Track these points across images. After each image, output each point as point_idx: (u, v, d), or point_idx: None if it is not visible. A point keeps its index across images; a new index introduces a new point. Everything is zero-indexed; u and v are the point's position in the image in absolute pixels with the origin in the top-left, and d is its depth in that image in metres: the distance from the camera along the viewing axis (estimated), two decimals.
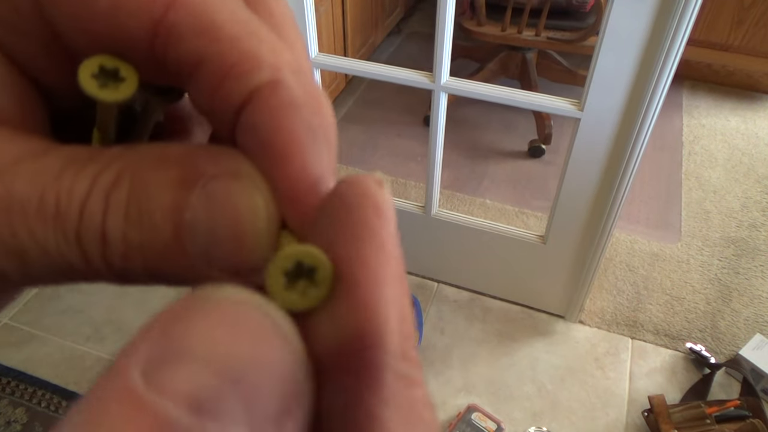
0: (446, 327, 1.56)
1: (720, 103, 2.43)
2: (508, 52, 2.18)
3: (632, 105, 1.10)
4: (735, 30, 2.34)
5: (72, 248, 0.11)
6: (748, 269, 1.72)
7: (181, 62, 0.12)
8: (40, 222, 0.11)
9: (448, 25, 1.11)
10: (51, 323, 1.55)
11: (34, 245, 0.11)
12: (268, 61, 0.12)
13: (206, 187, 0.11)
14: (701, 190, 2.01)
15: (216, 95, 0.12)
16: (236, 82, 0.11)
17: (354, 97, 2.44)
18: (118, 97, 0.12)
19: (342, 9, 2.10)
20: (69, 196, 0.11)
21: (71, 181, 0.11)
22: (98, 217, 0.11)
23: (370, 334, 0.10)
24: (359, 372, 0.10)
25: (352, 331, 0.10)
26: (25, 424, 1.35)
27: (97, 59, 0.12)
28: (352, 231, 0.11)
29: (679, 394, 1.41)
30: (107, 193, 0.11)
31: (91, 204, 0.11)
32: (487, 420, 1.33)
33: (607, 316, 1.59)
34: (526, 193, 1.99)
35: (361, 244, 0.11)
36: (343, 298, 0.10)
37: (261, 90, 0.11)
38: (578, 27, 1.97)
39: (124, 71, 0.12)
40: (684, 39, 0.97)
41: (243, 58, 0.11)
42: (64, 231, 0.11)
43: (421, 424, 0.10)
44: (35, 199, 0.11)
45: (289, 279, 0.11)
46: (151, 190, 0.11)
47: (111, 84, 0.12)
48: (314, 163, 0.12)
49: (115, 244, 0.11)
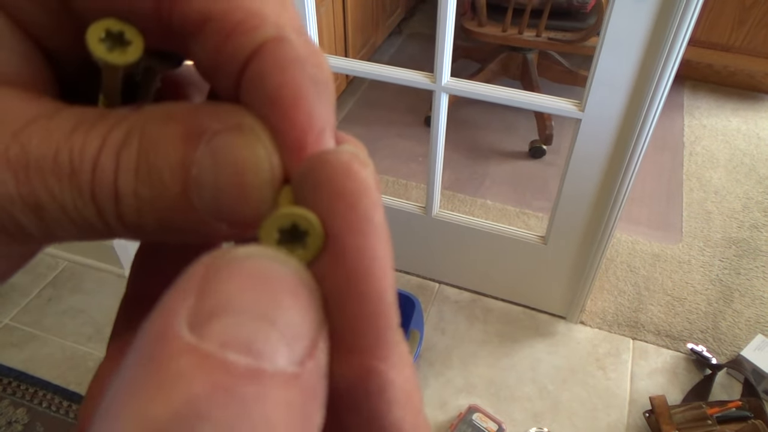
0: (447, 327, 1.56)
1: (721, 104, 2.43)
2: (509, 53, 2.18)
3: (633, 105, 1.09)
4: (736, 30, 2.34)
5: (87, 205, 0.12)
6: (750, 270, 1.72)
7: (187, 21, 0.12)
8: (55, 179, 0.12)
9: (449, 25, 1.11)
10: (52, 324, 1.55)
11: (51, 202, 0.12)
12: (272, 19, 0.12)
13: (210, 142, 0.12)
14: (702, 191, 2.00)
15: (222, 51, 0.12)
16: (242, 38, 0.12)
17: (355, 97, 2.44)
18: (127, 60, 0.12)
19: (343, 9, 2.11)
20: (81, 154, 0.12)
21: (83, 140, 0.12)
22: (110, 175, 0.12)
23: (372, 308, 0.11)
24: (371, 346, 0.11)
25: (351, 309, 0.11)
26: (27, 425, 1.35)
27: (103, 23, 0.12)
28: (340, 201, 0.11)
29: (680, 395, 1.41)
30: (117, 151, 0.12)
31: (103, 162, 0.12)
32: (488, 420, 1.33)
33: (608, 316, 1.58)
34: (527, 193, 1.99)
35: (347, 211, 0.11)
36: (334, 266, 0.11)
37: (267, 45, 0.12)
38: (579, 27, 1.97)
39: (130, 34, 0.12)
40: (685, 39, 0.97)
41: (248, 16, 0.12)
42: (79, 188, 0.12)
43: (410, 369, 0.12)
44: (50, 157, 0.12)
45: (282, 236, 0.11)
46: (158, 148, 0.12)
47: (118, 48, 0.12)
48: (319, 114, 0.12)
49: (128, 200, 0.12)
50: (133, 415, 0.08)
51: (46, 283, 1.66)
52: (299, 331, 0.10)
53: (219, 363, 0.09)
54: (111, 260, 1.68)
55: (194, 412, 0.08)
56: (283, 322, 0.10)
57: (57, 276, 1.68)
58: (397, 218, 1.53)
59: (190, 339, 0.09)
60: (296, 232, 0.11)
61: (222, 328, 0.09)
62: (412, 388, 0.12)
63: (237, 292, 0.10)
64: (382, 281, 0.11)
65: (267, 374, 0.09)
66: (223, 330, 0.09)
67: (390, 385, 0.11)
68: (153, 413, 0.08)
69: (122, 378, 0.09)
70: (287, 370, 0.09)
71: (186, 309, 0.09)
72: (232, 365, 0.09)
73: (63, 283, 1.66)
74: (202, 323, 0.09)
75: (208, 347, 0.09)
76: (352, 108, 2.39)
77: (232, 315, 0.09)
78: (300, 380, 0.10)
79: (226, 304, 0.09)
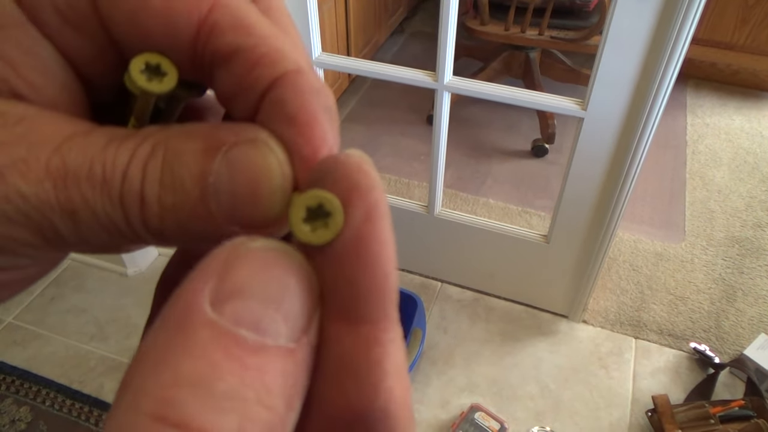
0: (449, 326, 1.56)
1: (724, 102, 2.42)
2: (512, 52, 2.17)
3: (636, 104, 1.09)
4: (739, 29, 2.33)
5: (116, 210, 0.13)
6: (753, 269, 1.71)
7: (217, 53, 0.14)
8: (89, 187, 0.13)
9: (452, 24, 1.11)
10: (55, 322, 1.56)
11: (85, 207, 0.13)
12: (291, 55, 0.14)
13: (227, 153, 0.13)
14: (705, 190, 2.00)
15: (246, 78, 0.14)
16: (267, 69, 0.14)
17: (357, 96, 2.44)
18: (163, 89, 0.14)
19: (345, 8, 2.11)
20: (113, 166, 0.13)
21: (114, 153, 0.13)
22: (137, 184, 0.13)
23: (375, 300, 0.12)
24: (378, 318, 0.12)
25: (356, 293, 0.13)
26: (30, 423, 1.36)
27: (144, 56, 0.14)
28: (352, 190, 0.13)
29: (682, 394, 1.41)
30: (144, 162, 0.13)
31: (131, 172, 0.13)
32: (490, 419, 1.33)
33: (610, 315, 1.58)
34: (530, 192, 1.99)
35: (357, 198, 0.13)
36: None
37: (288, 75, 0.14)
38: (582, 26, 1.97)
39: (166, 66, 0.14)
40: (688, 38, 0.96)
41: (272, 51, 0.14)
42: (110, 195, 0.13)
43: (403, 351, 0.13)
44: (86, 167, 0.13)
45: (308, 215, 0.13)
46: (181, 159, 0.13)
47: (155, 78, 0.14)
48: (329, 135, 0.14)
49: (152, 206, 0.13)
50: (167, 371, 0.10)
51: (49, 281, 1.67)
52: (298, 313, 0.12)
53: (233, 337, 0.11)
54: (114, 259, 1.68)
55: (214, 374, 0.10)
56: (286, 305, 0.12)
57: (60, 275, 1.68)
58: (399, 217, 1.53)
59: (211, 315, 0.11)
60: (320, 212, 0.13)
61: (237, 308, 0.11)
62: (403, 365, 0.13)
63: (251, 278, 0.12)
64: (389, 263, 0.12)
65: (269, 348, 0.11)
66: (238, 310, 0.11)
67: (388, 355, 0.12)
68: (183, 370, 0.10)
69: (154, 340, 0.11)
70: (286, 345, 0.11)
71: (209, 289, 0.11)
72: (243, 340, 0.11)
73: (66, 282, 1.67)
74: (222, 302, 0.11)
75: (225, 323, 0.11)
76: (355, 107, 2.39)
77: (246, 297, 0.11)
78: (295, 354, 0.12)
79: (242, 288, 0.11)
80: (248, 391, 0.10)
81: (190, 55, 0.14)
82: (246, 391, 0.10)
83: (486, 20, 2.02)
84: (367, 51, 2.42)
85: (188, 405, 0.10)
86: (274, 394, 0.11)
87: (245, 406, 0.10)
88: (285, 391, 0.11)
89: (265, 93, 0.14)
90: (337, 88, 2.27)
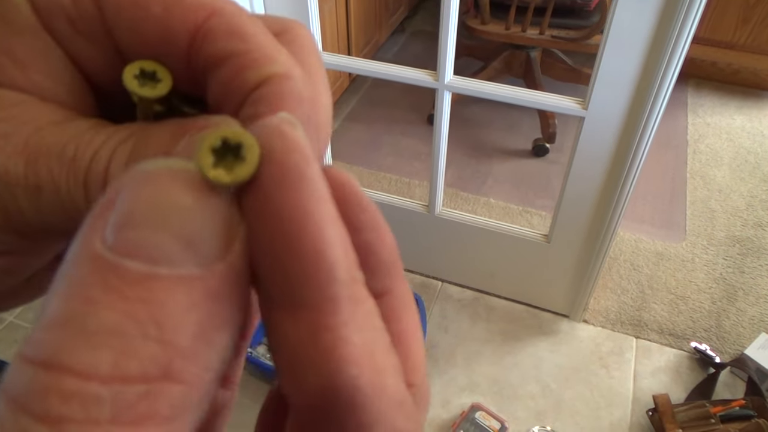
0: (450, 326, 1.56)
1: (725, 102, 2.42)
2: (512, 51, 2.17)
3: (637, 103, 1.09)
4: (740, 28, 2.33)
5: (79, 188, 0.13)
6: (754, 268, 1.71)
7: (210, 58, 0.14)
8: (58, 164, 0.13)
9: (452, 23, 1.11)
10: None
11: (50, 183, 0.13)
12: (283, 61, 0.14)
13: (191, 137, 0.13)
14: (706, 189, 2.00)
15: (235, 80, 0.14)
16: (254, 71, 0.13)
17: (358, 96, 2.44)
18: (156, 94, 0.14)
19: (346, 8, 2.10)
20: (86, 147, 0.14)
21: (91, 137, 0.14)
22: (104, 164, 0.13)
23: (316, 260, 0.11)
24: (317, 301, 0.11)
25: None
26: None
27: (139, 63, 0.14)
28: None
29: (683, 394, 1.41)
30: (116, 146, 0.14)
31: (101, 153, 0.14)
32: (491, 419, 1.33)
33: (611, 315, 1.58)
34: (530, 192, 1.99)
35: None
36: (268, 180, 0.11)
37: (274, 78, 0.13)
38: (582, 25, 1.97)
39: (161, 73, 0.15)
40: (689, 37, 0.96)
41: (264, 56, 0.14)
42: (75, 173, 0.13)
43: (374, 331, 0.12)
44: (60, 146, 0.14)
45: (218, 157, 0.11)
46: (149, 143, 0.14)
47: (149, 83, 0.15)
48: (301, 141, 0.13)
49: None
50: (45, 311, 0.10)
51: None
52: (205, 237, 0.11)
53: (114, 269, 0.10)
54: None
55: (87, 309, 0.10)
56: (186, 229, 0.10)
57: None
58: (400, 216, 1.53)
59: (99, 249, 0.10)
60: (230, 149, 0.12)
61: (127, 237, 0.10)
62: (376, 349, 0.12)
63: (141, 203, 0.11)
64: (318, 236, 0.11)
65: (162, 278, 0.10)
66: (129, 239, 0.10)
67: (342, 340, 0.11)
68: (58, 309, 0.10)
69: (54, 281, 0.11)
70: (189, 272, 0.10)
71: (101, 222, 0.11)
72: (125, 270, 0.10)
73: None
74: (113, 233, 0.10)
75: (109, 256, 0.10)
76: (355, 106, 2.39)
77: (136, 225, 0.10)
78: (205, 281, 0.10)
79: (132, 215, 0.10)
80: (129, 325, 0.10)
81: (186, 60, 0.14)
82: (126, 324, 0.10)
83: (487, 19, 2.02)
84: (367, 50, 2.42)
85: (58, 344, 0.09)
86: (170, 327, 0.10)
87: (124, 341, 0.09)
88: (189, 325, 0.10)
89: (250, 93, 0.14)
90: (338, 87, 2.27)
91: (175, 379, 0.10)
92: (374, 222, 0.13)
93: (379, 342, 0.12)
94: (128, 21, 0.14)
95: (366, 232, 0.13)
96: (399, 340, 0.14)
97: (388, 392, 0.12)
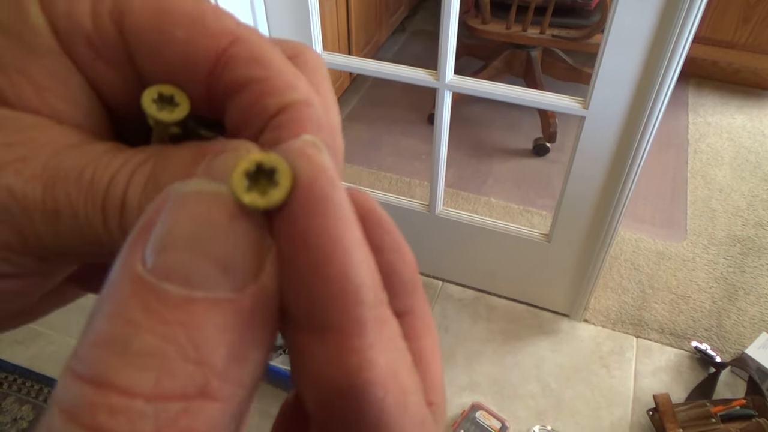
0: (451, 325, 1.56)
1: (726, 101, 2.42)
2: (513, 50, 2.17)
3: (638, 103, 1.09)
4: (741, 27, 2.33)
5: (97, 213, 0.13)
6: (754, 268, 1.71)
7: (231, 84, 0.14)
8: (76, 188, 0.13)
9: (453, 23, 1.11)
10: (57, 321, 1.56)
11: (67, 207, 0.13)
12: (303, 89, 0.14)
13: (210, 161, 0.13)
14: (707, 189, 2.00)
15: (255, 107, 0.14)
16: (275, 98, 0.14)
17: (358, 95, 2.44)
18: (173, 118, 0.15)
19: (346, 7, 2.10)
20: (103, 170, 0.14)
21: (108, 161, 0.14)
22: (122, 188, 0.13)
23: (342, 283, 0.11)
24: (343, 324, 0.11)
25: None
26: (32, 421, 1.36)
27: (157, 87, 0.15)
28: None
29: (684, 393, 1.41)
30: (134, 170, 0.14)
31: (119, 177, 0.13)
32: (491, 418, 1.33)
33: (612, 314, 1.58)
34: (531, 191, 1.99)
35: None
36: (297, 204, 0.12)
37: (294, 105, 0.14)
38: (583, 25, 1.97)
39: (179, 97, 0.15)
40: (690, 36, 0.96)
41: (284, 83, 0.14)
42: (93, 197, 0.13)
43: (398, 352, 0.12)
44: (77, 170, 0.14)
45: (251, 181, 0.12)
46: (166, 167, 0.14)
47: (167, 107, 0.15)
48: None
49: (131, 210, 0.13)
50: (90, 330, 0.11)
51: None
52: (235, 258, 0.11)
53: (154, 292, 0.10)
54: None
55: (129, 331, 0.10)
56: (222, 253, 0.11)
57: None
58: (400, 216, 1.53)
59: (140, 271, 0.11)
60: (264, 174, 0.12)
61: (166, 261, 0.11)
62: (400, 369, 0.12)
63: (176, 226, 0.11)
64: (345, 260, 0.11)
65: (198, 301, 0.11)
66: (167, 262, 0.11)
67: (368, 363, 0.11)
68: (101, 329, 0.10)
69: (98, 298, 0.11)
70: (224, 296, 0.11)
71: (141, 243, 0.11)
72: (165, 294, 0.10)
73: None
74: (153, 255, 0.11)
75: (149, 278, 0.11)
76: (356, 106, 2.39)
77: (175, 248, 0.11)
78: (238, 304, 0.11)
79: (168, 239, 0.11)
80: (168, 347, 0.10)
81: (206, 85, 0.15)
82: (166, 347, 0.10)
83: (487, 19, 2.02)
84: (368, 50, 2.42)
85: (105, 363, 0.10)
86: (206, 349, 0.10)
87: (164, 362, 0.10)
88: (224, 346, 0.11)
89: (271, 119, 0.14)
90: (339, 86, 2.27)
91: (211, 397, 0.10)
92: (396, 243, 0.14)
93: (403, 362, 0.12)
94: (151, 46, 0.14)
95: (388, 253, 0.14)
96: (419, 359, 0.14)
97: (411, 412, 0.12)
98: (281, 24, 1.23)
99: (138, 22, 0.14)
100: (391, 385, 0.12)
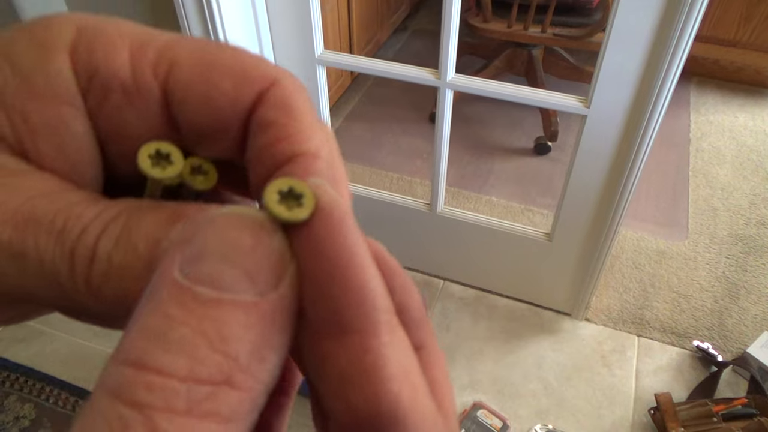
0: (452, 324, 1.56)
1: (728, 100, 2.41)
2: (514, 49, 2.17)
3: (639, 102, 1.09)
4: (743, 26, 2.32)
5: (64, 261, 0.14)
6: (756, 267, 1.71)
7: (257, 120, 0.15)
8: (45, 234, 0.14)
9: (454, 21, 1.11)
10: (59, 320, 1.56)
11: (34, 252, 0.14)
12: (317, 142, 0.15)
13: (185, 224, 0.14)
14: (709, 187, 1.99)
15: (270, 149, 0.15)
16: (290, 145, 0.15)
17: (359, 94, 2.44)
18: (164, 176, 0.15)
19: (347, 6, 2.10)
20: (76, 220, 0.14)
21: (82, 210, 0.14)
22: (93, 239, 0.14)
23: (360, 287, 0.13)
24: (360, 326, 0.13)
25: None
26: (33, 420, 1.36)
27: (155, 144, 0.15)
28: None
29: (685, 392, 1.41)
30: (107, 222, 0.14)
31: (91, 228, 0.14)
32: (492, 417, 1.33)
33: (613, 313, 1.58)
34: (532, 190, 1.98)
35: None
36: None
37: (305, 155, 0.15)
38: (585, 23, 1.96)
39: (174, 156, 0.16)
40: (692, 35, 0.96)
41: (301, 131, 0.15)
42: (62, 245, 0.14)
43: (408, 355, 0.14)
44: (50, 216, 0.14)
45: (281, 198, 0.13)
46: (141, 224, 0.14)
47: (162, 164, 0.15)
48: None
49: (100, 262, 0.14)
50: (135, 325, 0.12)
51: None
52: (260, 268, 0.13)
53: (189, 293, 0.12)
54: None
55: (168, 324, 0.12)
56: (244, 261, 0.13)
57: None
58: (401, 215, 1.53)
59: (177, 277, 0.12)
60: (293, 196, 0.13)
61: (200, 268, 0.12)
62: (411, 370, 0.13)
63: (211, 241, 0.13)
64: (362, 271, 0.13)
65: (225, 301, 0.12)
66: (201, 269, 0.12)
67: (385, 359, 0.13)
68: (144, 323, 0.12)
69: (138, 305, 0.13)
70: (248, 299, 0.12)
71: (179, 255, 0.13)
72: (200, 295, 0.12)
73: None
74: (188, 265, 0.12)
75: (185, 282, 0.12)
76: (357, 105, 2.39)
77: (207, 258, 0.12)
78: (259, 307, 0.12)
79: (203, 250, 0.13)
80: (200, 339, 0.12)
81: (242, 122, 0.16)
82: (197, 338, 0.12)
83: (489, 18, 2.01)
84: (369, 49, 2.42)
85: (145, 350, 0.12)
86: (231, 342, 0.12)
87: (195, 350, 0.12)
88: (247, 342, 0.12)
89: (283, 164, 0.15)
90: (340, 85, 2.27)
91: (235, 386, 0.12)
92: (406, 286, 0.15)
93: (413, 365, 0.14)
94: (199, 96, 0.15)
95: (399, 294, 0.15)
96: (433, 389, 0.15)
97: (424, 408, 0.13)
98: (282, 23, 1.23)
99: (187, 74, 0.15)
100: (404, 381, 0.13)
